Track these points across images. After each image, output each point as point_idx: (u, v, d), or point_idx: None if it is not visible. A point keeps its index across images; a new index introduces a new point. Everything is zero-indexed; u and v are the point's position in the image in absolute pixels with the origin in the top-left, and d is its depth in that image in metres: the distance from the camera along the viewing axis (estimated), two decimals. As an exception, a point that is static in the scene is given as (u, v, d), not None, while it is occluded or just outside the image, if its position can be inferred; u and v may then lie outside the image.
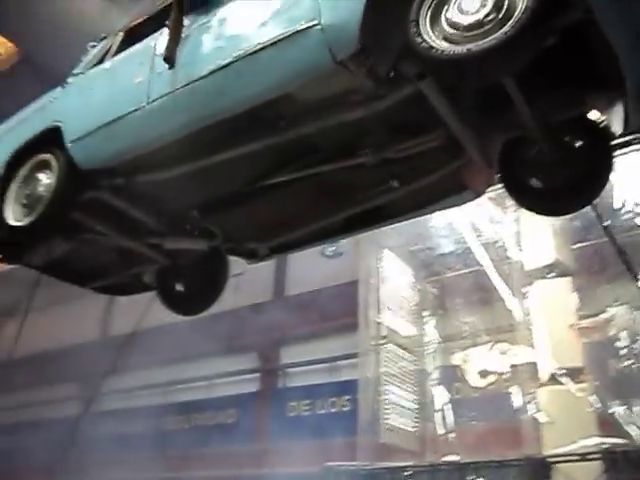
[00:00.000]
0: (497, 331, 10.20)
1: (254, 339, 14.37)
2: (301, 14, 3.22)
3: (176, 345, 14.89)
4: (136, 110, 3.94)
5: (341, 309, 12.56)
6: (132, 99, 4.01)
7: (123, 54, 4.44)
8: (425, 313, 11.16)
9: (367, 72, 3.12)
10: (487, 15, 2.72)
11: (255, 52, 3.37)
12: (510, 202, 8.67)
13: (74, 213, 4.41)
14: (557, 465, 8.24)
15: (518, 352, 9.70)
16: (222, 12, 3.81)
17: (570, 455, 8.11)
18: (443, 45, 2.77)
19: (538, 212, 4.26)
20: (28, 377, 19.40)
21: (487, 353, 10.21)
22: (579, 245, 9.75)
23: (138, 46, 4.30)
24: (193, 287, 5.36)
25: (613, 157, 3.83)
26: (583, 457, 8.01)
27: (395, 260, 11.11)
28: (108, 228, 4.70)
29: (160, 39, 4.07)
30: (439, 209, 4.34)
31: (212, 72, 3.56)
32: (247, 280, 9.83)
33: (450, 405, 10.53)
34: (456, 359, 10.60)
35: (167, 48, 3.86)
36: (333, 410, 12.91)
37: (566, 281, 9.47)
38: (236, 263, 5.29)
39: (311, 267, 12.66)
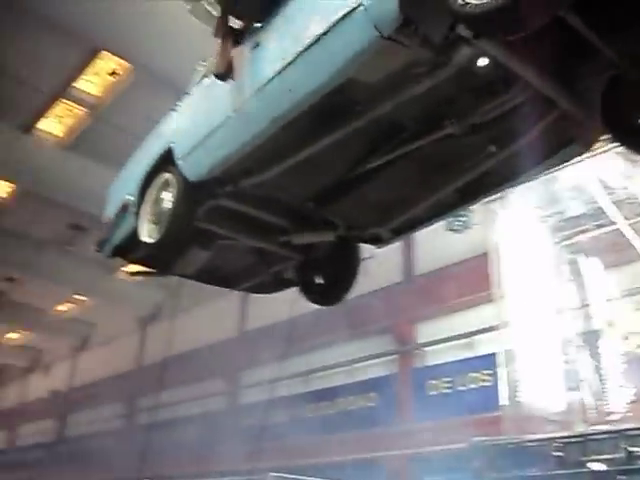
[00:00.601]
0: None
1: (389, 321, 14.45)
2: None
3: (313, 334, 15.21)
4: (225, 120, 4.18)
5: (474, 283, 12.43)
6: (221, 110, 4.24)
7: None
8: (561, 279, 10.83)
9: (421, 42, 3.03)
10: None
11: (312, 45, 3.42)
12: (641, 155, 8.30)
13: (201, 223, 4.74)
14: None
15: (664, 311, 9.29)
16: (282, 12, 3.93)
17: None
18: None
19: None
20: (177, 376, 20.28)
21: (631, 315, 9.81)
22: None
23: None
24: (330, 278, 5.48)
25: None
26: None
27: (525, 227, 10.86)
28: (236, 232, 5.01)
29: (249, 53, 4.25)
30: (549, 167, 4.17)
31: (279, 72, 3.68)
32: (376, 263, 9.92)
33: (596, 372, 10.18)
34: (598, 323, 10.24)
35: (216, 63, 4.16)
36: (474, 386, 12.77)
37: None
38: (365, 248, 5.38)
39: (439, 244, 12.59)
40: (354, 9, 3.13)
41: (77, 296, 26.29)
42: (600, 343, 10.14)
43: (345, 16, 3.18)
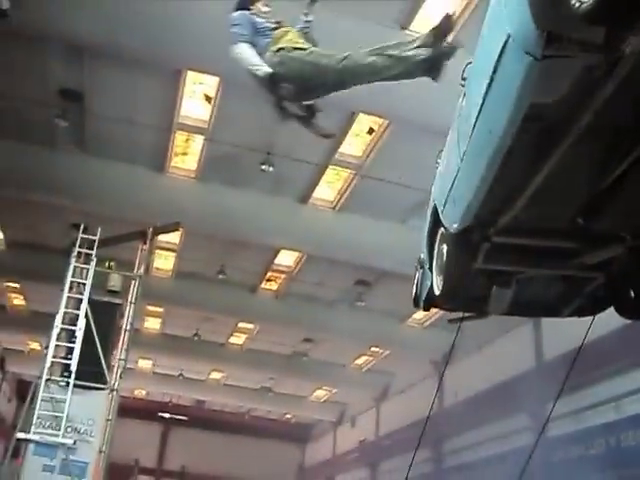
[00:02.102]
0: None
1: None
2: (498, 34, 3.29)
3: (616, 355, 14.35)
4: (457, 171, 4.45)
5: None
6: (454, 162, 4.53)
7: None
8: None
9: (582, 48, 2.88)
10: None
11: (490, 84, 3.55)
12: None
13: (488, 265, 4.91)
14: None
15: None
16: (468, 71, 4.34)
17: None
18: None
19: None
20: (478, 416, 20.16)
21: None
22: None
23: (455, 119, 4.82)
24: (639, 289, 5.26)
25: None
26: None
27: None
28: (525, 265, 5.06)
29: (461, 105, 4.61)
30: None
31: (478, 117, 3.86)
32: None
33: None
34: None
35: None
36: None
37: None
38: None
39: None
40: (506, 42, 3.20)
41: (373, 348, 27.26)
42: None
43: (502, 51, 3.27)
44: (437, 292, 5.26)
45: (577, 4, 2.59)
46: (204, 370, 32.78)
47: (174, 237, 19.52)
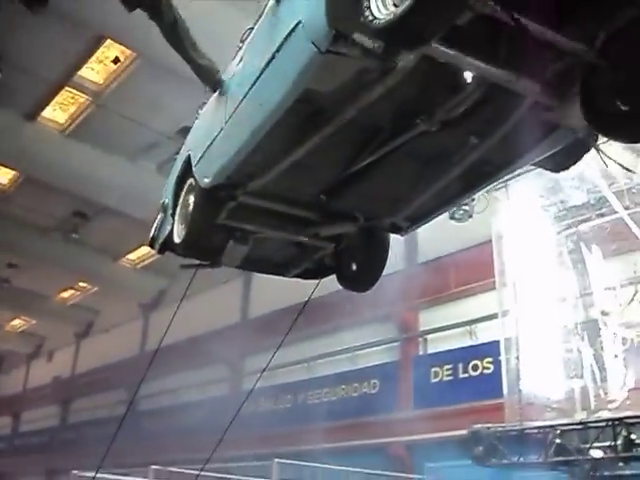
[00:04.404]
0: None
1: (392, 308, 14.47)
2: (291, 17, 3.46)
3: (316, 321, 15.27)
4: (219, 131, 4.58)
5: (476, 271, 12.50)
6: (218, 121, 4.64)
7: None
8: (562, 267, 10.88)
9: (362, 52, 3.10)
10: None
11: (270, 61, 3.72)
12: (644, 145, 8.31)
13: (229, 221, 5.03)
14: None
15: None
16: (255, 29, 4.38)
17: None
18: (385, 12, 2.74)
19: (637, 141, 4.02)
20: (180, 362, 20.38)
21: (630, 304, 9.86)
22: None
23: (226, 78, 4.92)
24: (361, 264, 5.64)
25: None
26: None
27: (527, 216, 10.90)
28: (264, 227, 5.24)
29: (231, 69, 4.73)
30: (544, 152, 4.16)
31: (251, 87, 4.03)
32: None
33: (596, 361, 10.23)
34: (597, 312, 10.28)
35: None
36: (475, 373, 12.87)
37: None
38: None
39: (441, 232, 12.62)
40: (295, 27, 3.36)
41: (81, 283, 26.42)
42: (600, 331, 10.20)
43: (290, 34, 3.43)
44: (177, 240, 5.28)
45: (370, 17, 2.76)
46: None
47: None
